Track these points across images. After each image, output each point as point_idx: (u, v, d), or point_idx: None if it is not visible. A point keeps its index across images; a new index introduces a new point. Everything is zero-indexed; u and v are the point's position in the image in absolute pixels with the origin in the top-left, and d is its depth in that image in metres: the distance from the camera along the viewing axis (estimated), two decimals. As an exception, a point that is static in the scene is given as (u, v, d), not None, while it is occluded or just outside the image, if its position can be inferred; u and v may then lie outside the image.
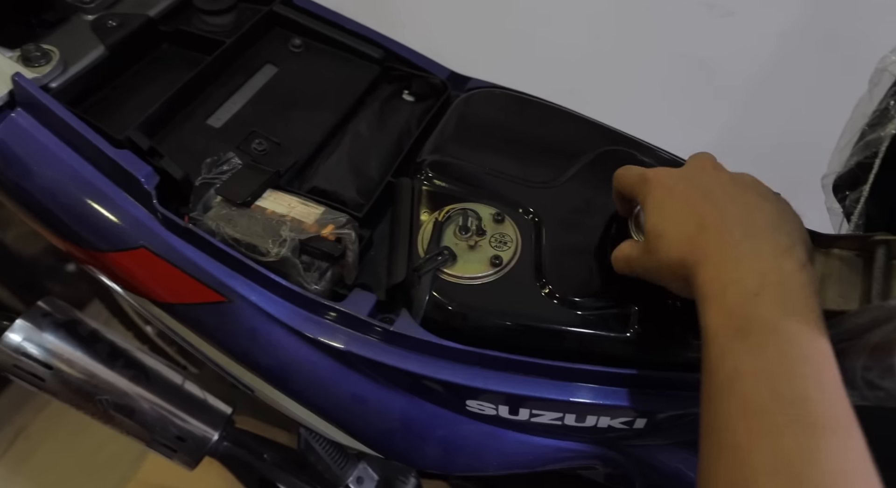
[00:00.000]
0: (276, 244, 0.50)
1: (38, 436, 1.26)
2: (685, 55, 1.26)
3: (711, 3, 1.22)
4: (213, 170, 0.54)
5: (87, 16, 0.61)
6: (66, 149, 0.51)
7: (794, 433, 0.28)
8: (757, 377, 0.30)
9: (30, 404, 1.29)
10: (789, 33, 1.18)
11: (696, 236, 0.36)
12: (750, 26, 1.21)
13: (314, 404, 0.52)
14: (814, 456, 0.28)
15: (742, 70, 1.25)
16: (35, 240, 1.39)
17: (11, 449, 1.24)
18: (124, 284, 0.54)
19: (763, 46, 1.22)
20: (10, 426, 1.26)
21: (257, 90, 0.62)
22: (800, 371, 0.30)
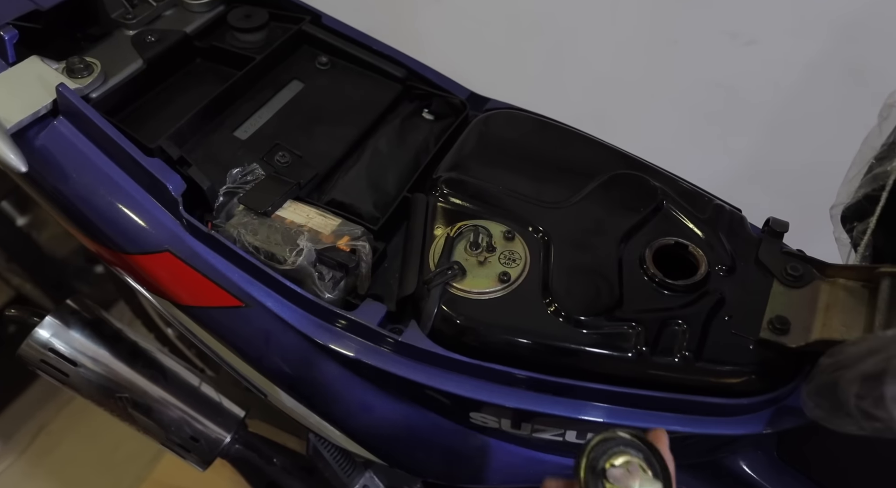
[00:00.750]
0: (293, 253, 0.52)
1: (60, 432, 1.30)
2: (709, 82, 1.27)
3: (735, 32, 1.23)
4: (237, 180, 0.57)
5: (129, 31, 0.64)
6: (101, 156, 0.54)
7: None
8: None
9: (53, 401, 1.33)
10: (813, 63, 1.18)
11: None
12: (774, 55, 1.21)
13: (322, 409, 0.54)
14: None
15: (765, 98, 1.25)
16: (66, 242, 1.44)
17: (34, 443, 1.27)
18: (148, 286, 0.56)
19: (786, 75, 1.22)
20: (34, 421, 1.30)
21: (283, 105, 0.65)
22: None
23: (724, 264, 0.51)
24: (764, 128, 1.30)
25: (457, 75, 0.71)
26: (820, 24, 1.14)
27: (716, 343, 0.47)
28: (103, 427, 1.31)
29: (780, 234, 0.52)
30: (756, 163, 1.31)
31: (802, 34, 1.18)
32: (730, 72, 1.26)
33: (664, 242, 0.52)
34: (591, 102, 1.28)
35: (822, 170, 1.05)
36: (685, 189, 0.58)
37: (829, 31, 1.14)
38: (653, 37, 1.27)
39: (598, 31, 1.28)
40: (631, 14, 1.26)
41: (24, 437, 1.28)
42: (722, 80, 1.27)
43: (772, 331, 0.46)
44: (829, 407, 0.38)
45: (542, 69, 1.32)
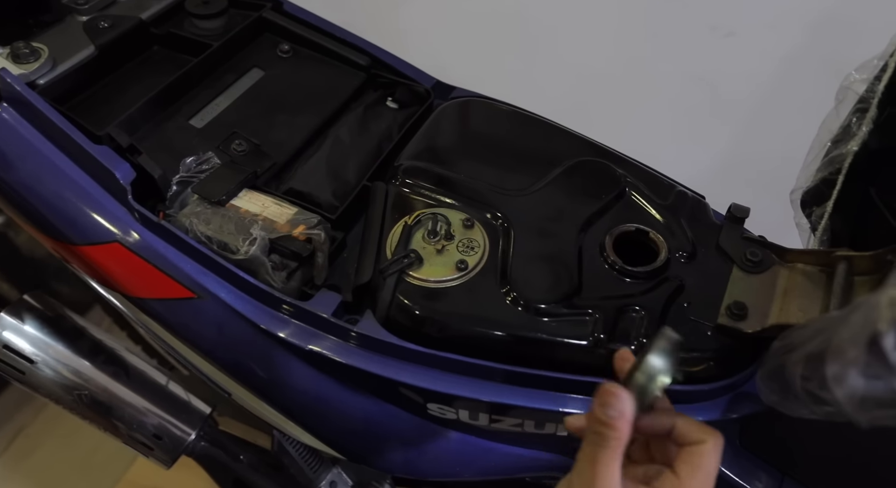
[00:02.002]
0: (246, 242, 0.51)
1: (38, 435, 1.27)
2: (688, 74, 1.27)
3: (714, 24, 1.23)
4: (191, 169, 0.55)
5: (81, 17, 0.62)
6: (47, 144, 0.52)
7: None
8: None
9: (31, 403, 1.30)
10: (790, 55, 1.18)
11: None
12: (751, 47, 1.21)
13: (279, 403, 0.53)
14: None
15: (744, 89, 1.25)
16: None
17: (12, 446, 1.25)
18: (98, 278, 0.55)
19: (764, 67, 1.22)
20: (12, 424, 1.27)
21: (242, 93, 0.63)
22: None
23: (684, 250, 0.50)
24: (743, 120, 1.30)
25: (435, 66, 0.70)
26: (797, 18, 1.14)
27: (674, 330, 0.46)
28: (82, 429, 1.28)
29: (740, 220, 0.51)
30: (735, 154, 1.31)
31: (780, 27, 1.18)
32: (709, 64, 1.26)
33: (625, 229, 0.51)
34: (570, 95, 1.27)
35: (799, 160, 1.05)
36: (648, 175, 0.57)
37: (806, 24, 1.15)
38: (632, 29, 1.26)
39: (577, 23, 1.27)
40: (610, 7, 1.25)
41: (2, 440, 1.25)
42: (701, 73, 1.27)
43: (729, 316, 0.45)
44: (779, 390, 0.37)
45: (521, 62, 1.32)
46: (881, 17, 1.07)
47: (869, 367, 0.27)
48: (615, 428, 0.35)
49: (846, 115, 0.44)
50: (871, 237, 0.44)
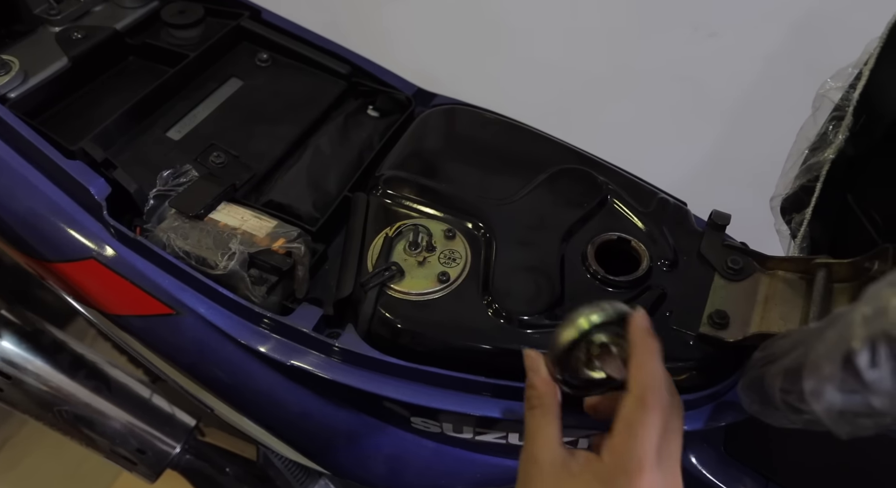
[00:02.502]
0: (224, 257, 0.50)
1: (24, 447, 1.25)
2: (671, 74, 1.27)
3: (697, 25, 1.24)
4: (168, 183, 0.54)
5: (54, 28, 0.61)
6: (18, 160, 0.51)
7: None
8: None
9: (15, 415, 1.29)
10: (773, 54, 1.19)
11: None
12: (734, 47, 1.22)
13: (261, 419, 0.52)
14: None
15: (727, 89, 1.26)
16: None
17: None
18: (74, 295, 0.54)
19: (747, 67, 1.23)
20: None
21: (220, 103, 0.62)
22: None
23: (666, 258, 0.50)
24: (726, 120, 1.31)
25: (416, 68, 0.70)
26: (779, 18, 1.15)
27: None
28: (68, 441, 1.28)
29: (722, 227, 0.52)
30: (719, 155, 1.32)
31: (762, 27, 1.19)
32: (691, 65, 1.26)
33: (606, 237, 0.51)
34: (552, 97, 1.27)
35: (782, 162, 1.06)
36: (630, 182, 0.57)
37: (789, 25, 1.15)
38: (614, 30, 1.27)
39: (559, 24, 1.27)
40: (592, 8, 1.25)
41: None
42: (683, 73, 1.27)
43: (711, 325, 0.45)
44: (759, 401, 0.37)
45: (504, 65, 1.31)
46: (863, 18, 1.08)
47: (845, 383, 0.27)
48: (534, 385, 0.38)
49: (823, 122, 0.44)
50: (849, 244, 0.45)
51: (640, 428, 0.35)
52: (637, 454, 0.34)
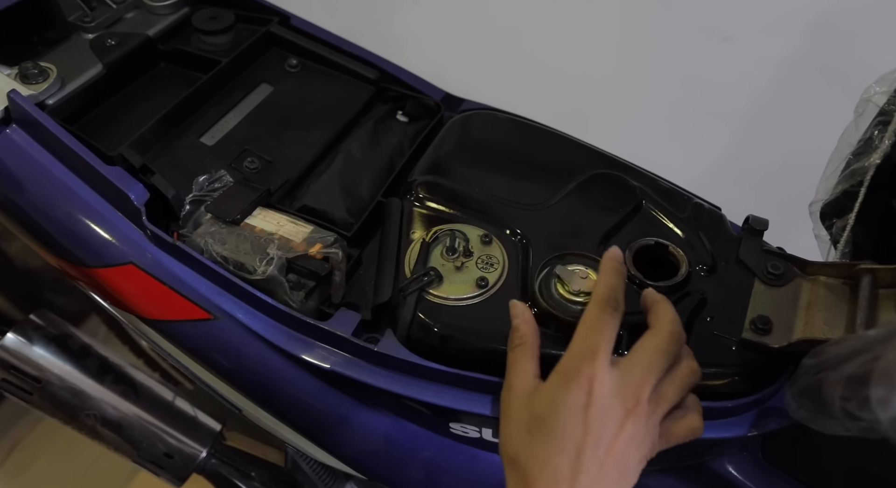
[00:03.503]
0: (263, 262, 0.50)
1: (35, 449, 1.26)
2: (686, 78, 1.27)
3: (711, 29, 1.24)
4: (204, 188, 0.55)
5: (87, 35, 0.62)
6: (58, 166, 0.52)
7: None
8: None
9: (27, 417, 1.29)
10: (786, 59, 1.19)
11: (522, 450, 0.39)
12: (748, 52, 1.22)
13: (297, 423, 0.52)
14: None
15: (741, 93, 1.26)
16: (37, 253, 1.40)
17: (7, 461, 1.23)
18: (111, 300, 0.54)
19: (761, 71, 1.23)
20: (7, 439, 1.25)
21: (252, 109, 0.63)
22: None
23: (704, 264, 0.50)
24: (740, 124, 1.31)
25: (439, 77, 0.70)
26: (792, 22, 1.15)
27: (698, 344, 0.46)
28: (79, 443, 1.27)
29: (759, 233, 0.51)
30: (733, 158, 1.32)
31: (775, 31, 1.19)
32: (706, 68, 1.26)
33: (644, 243, 0.51)
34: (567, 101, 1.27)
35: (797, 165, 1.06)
36: (664, 188, 0.57)
37: (802, 29, 1.16)
38: (629, 35, 1.27)
39: (575, 30, 1.27)
40: (606, 13, 1.26)
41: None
42: (698, 77, 1.27)
43: (754, 331, 0.45)
44: (813, 408, 0.37)
45: (519, 69, 1.32)
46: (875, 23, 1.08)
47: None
48: (518, 328, 0.43)
49: (866, 127, 0.44)
50: (894, 249, 0.44)
51: (595, 324, 0.39)
52: (592, 344, 0.39)
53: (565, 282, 0.46)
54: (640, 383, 0.38)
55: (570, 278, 0.46)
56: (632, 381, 0.38)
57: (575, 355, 0.39)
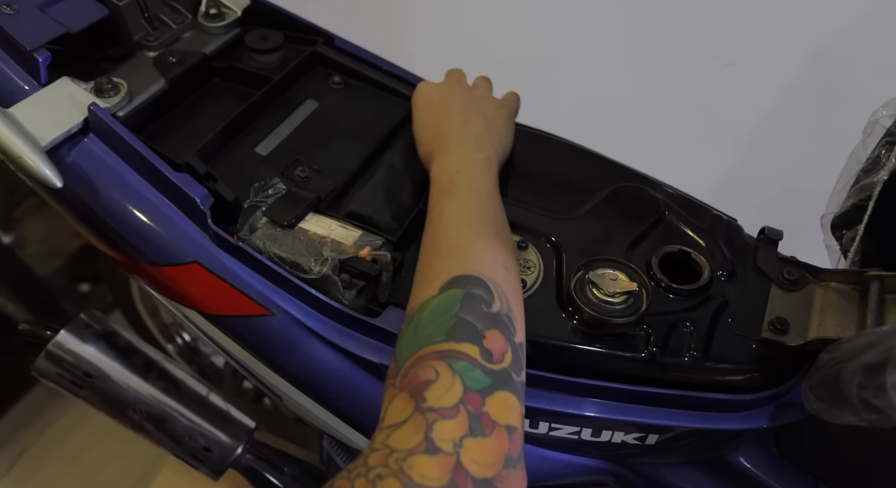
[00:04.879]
0: (318, 263, 0.54)
1: (41, 457, 1.27)
2: (692, 101, 1.33)
3: (716, 55, 1.30)
4: (259, 194, 0.59)
5: (150, 52, 0.67)
6: (130, 172, 0.56)
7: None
8: (453, 210, 0.50)
9: (33, 424, 1.31)
10: (789, 84, 1.24)
11: (433, 139, 0.59)
12: (752, 76, 1.28)
13: (346, 414, 0.56)
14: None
15: (745, 116, 1.31)
16: (49, 261, 1.43)
17: (14, 468, 1.25)
18: (175, 296, 0.58)
19: (764, 95, 1.28)
20: (14, 446, 1.27)
21: (300, 122, 0.67)
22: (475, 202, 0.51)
23: (724, 270, 0.55)
24: (744, 145, 1.36)
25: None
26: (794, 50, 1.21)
27: (721, 343, 0.50)
28: (85, 450, 1.29)
29: (775, 242, 0.56)
30: (737, 178, 1.37)
31: (778, 57, 1.24)
32: (710, 91, 1.32)
33: (669, 250, 0.55)
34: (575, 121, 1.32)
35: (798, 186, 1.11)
36: (685, 200, 0.61)
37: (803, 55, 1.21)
38: (637, 59, 1.32)
39: (586, 54, 1.33)
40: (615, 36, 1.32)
41: (4, 462, 1.25)
42: (702, 100, 1.33)
43: (772, 331, 0.49)
44: (830, 398, 0.41)
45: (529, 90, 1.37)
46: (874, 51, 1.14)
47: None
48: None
49: (874, 147, 0.48)
50: (899, 258, 0.49)
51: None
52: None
53: (598, 286, 0.50)
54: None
55: (602, 281, 0.50)
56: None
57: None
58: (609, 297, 0.50)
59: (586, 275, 0.51)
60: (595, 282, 0.50)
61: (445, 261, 0.44)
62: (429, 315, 0.40)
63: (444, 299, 0.41)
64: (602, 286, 0.50)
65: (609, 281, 0.50)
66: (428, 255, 0.47)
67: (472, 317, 0.40)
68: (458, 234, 0.47)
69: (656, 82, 1.33)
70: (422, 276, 0.45)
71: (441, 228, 0.48)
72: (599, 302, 0.50)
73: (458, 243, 0.46)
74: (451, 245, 0.46)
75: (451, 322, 0.39)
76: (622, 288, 0.50)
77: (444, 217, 0.49)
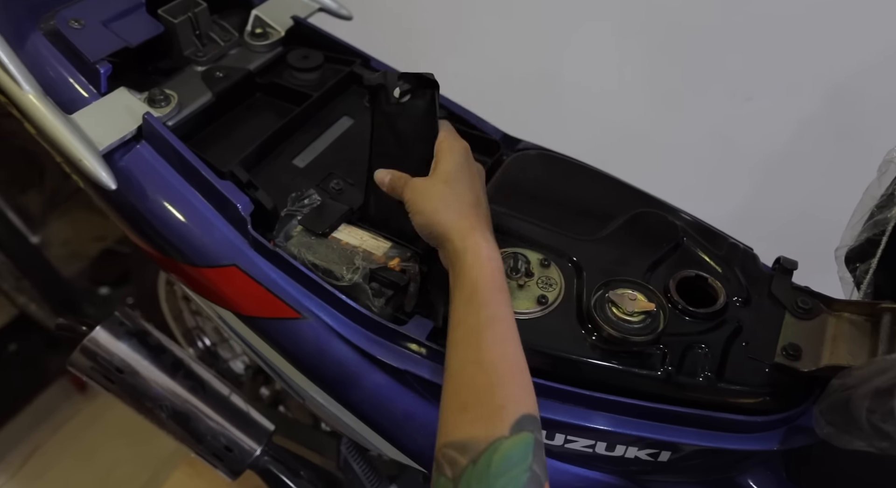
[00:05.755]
0: (350, 271, 0.57)
1: (54, 454, 1.29)
2: (710, 133, 1.35)
3: (735, 90, 1.32)
4: (295, 204, 0.62)
5: (199, 67, 0.71)
6: (177, 178, 0.59)
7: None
8: (501, 322, 0.47)
9: (47, 422, 1.33)
10: (805, 119, 1.26)
11: (454, 220, 0.51)
12: (769, 111, 1.30)
13: (368, 417, 0.58)
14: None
15: (762, 149, 1.34)
16: (72, 263, 1.47)
17: (27, 465, 1.26)
18: (211, 296, 0.61)
19: (781, 129, 1.30)
20: (27, 443, 1.29)
21: (336, 138, 0.71)
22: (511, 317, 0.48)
23: (739, 296, 0.57)
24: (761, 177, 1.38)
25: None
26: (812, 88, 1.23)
27: (735, 365, 0.52)
28: (97, 449, 1.31)
29: (789, 271, 0.58)
30: (753, 209, 1.38)
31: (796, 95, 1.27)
32: (727, 125, 1.34)
33: (686, 274, 0.58)
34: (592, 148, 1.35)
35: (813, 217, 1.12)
36: (702, 227, 0.64)
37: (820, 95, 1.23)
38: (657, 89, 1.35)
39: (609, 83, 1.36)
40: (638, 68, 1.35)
41: (17, 458, 1.26)
42: (719, 133, 1.35)
43: (785, 356, 0.51)
44: (840, 423, 0.43)
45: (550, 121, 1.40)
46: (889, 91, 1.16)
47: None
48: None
49: (888, 184, 0.51)
50: (911, 291, 0.51)
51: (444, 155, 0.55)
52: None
53: (618, 305, 0.52)
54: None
55: (621, 301, 0.52)
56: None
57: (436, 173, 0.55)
58: (628, 316, 0.52)
59: (606, 294, 0.53)
60: (615, 300, 0.53)
61: (509, 390, 0.42)
62: (503, 462, 0.39)
63: (517, 444, 0.40)
64: (621, 305, 0.52)
65: (628, 300, 0.53)
66: (484, 369, 0.43)
67: (540, 468, 0.40)
68: (513, 358, 0.44)
69: (677, 114, 1.36)
70: (481, 395, 0.42)
71: (494, 342, 0.44)
72: (618, 320, 0.52)
73: (515, 368, 0.44)
74: (510, 369, 0.43)
75: (526, 476, 0.39)
76: (640, 307, 0.52)
77: (495, 327, 0.45)
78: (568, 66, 1.36)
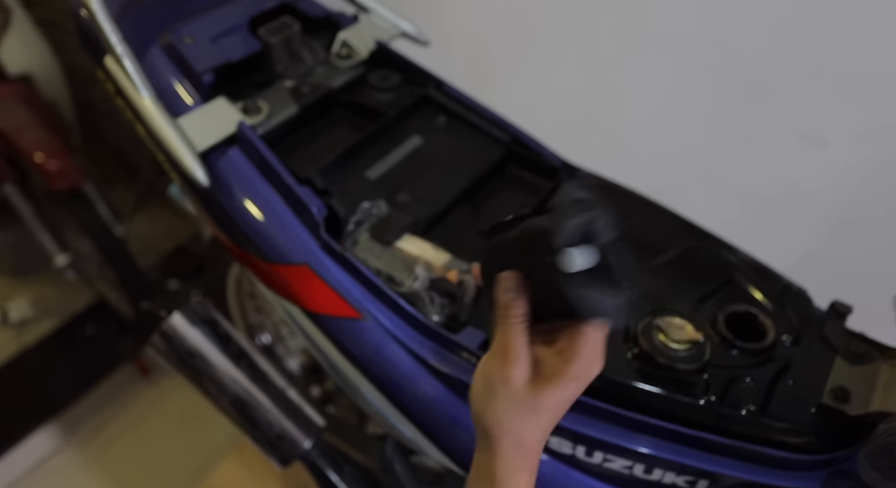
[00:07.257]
0: (410, 279, 0.61)
1: (119, 432, 1.36)
2: (776, 176, 1.33)
3: (805, 133, 1.30)
4: (364, 212, 0.67)
5: (287, 82, 0.77)
6: (261, 181, 0.65)
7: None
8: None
9: (112, 404, 1.42)
10: (876, 169, 1.22)
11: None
12: (840, 157, 1.27)
13: (416, 418, 0.61)
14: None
15: (828, 195, 1.30)
16: (146, 257, 1.57)
17: (91, 441, 1.34)
18: (282, 291, 0.66)
19: (848, 176, 1.27)
20: (94, 420, 1.37)
21: (406, 154, 0.75)
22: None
23: (790, 335, 0.57)
24: (824, 225, 1.34)
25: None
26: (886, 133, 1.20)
27: (780, 402, 0.52)
28: (155, 434, 1.39)
29: (843, 315, 0.58)
30: (812, 252, 1.34)
31: (869, 143, 1.23)
32: (796, 170, 1.31)
33: (736, 308, 0.58)
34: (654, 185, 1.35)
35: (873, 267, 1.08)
36: (756, 265, 0.64)
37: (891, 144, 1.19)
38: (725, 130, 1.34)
39: (673, 116, 1.36)
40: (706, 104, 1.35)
41: (84, 433, 1.34)
42: (787, 176, 1.33)
43: (833, 398, 0.51)
44: (884, 467, 0.43)
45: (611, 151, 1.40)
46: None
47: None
48: (509, 305, 0.43)
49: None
50: (970, 344, 0.50)
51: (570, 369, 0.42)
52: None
53: (665, 332, 0.54)
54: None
55: (669, 328, 0.54)
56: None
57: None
58: (674, 343, 0.53)
59: (654, 320, 0.55)
60: (662, 327, 0.54)
61: None
62: None
63: None
64: (669, 332, 0.54)
65: (676, 328, 0.54)
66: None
67: None
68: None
69: (742, 154, 1.34)
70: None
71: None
72: (664, 346, 0.53)
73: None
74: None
75: None
76: (688, 336, 0.53)
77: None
78: (632, 98, 1.38)
